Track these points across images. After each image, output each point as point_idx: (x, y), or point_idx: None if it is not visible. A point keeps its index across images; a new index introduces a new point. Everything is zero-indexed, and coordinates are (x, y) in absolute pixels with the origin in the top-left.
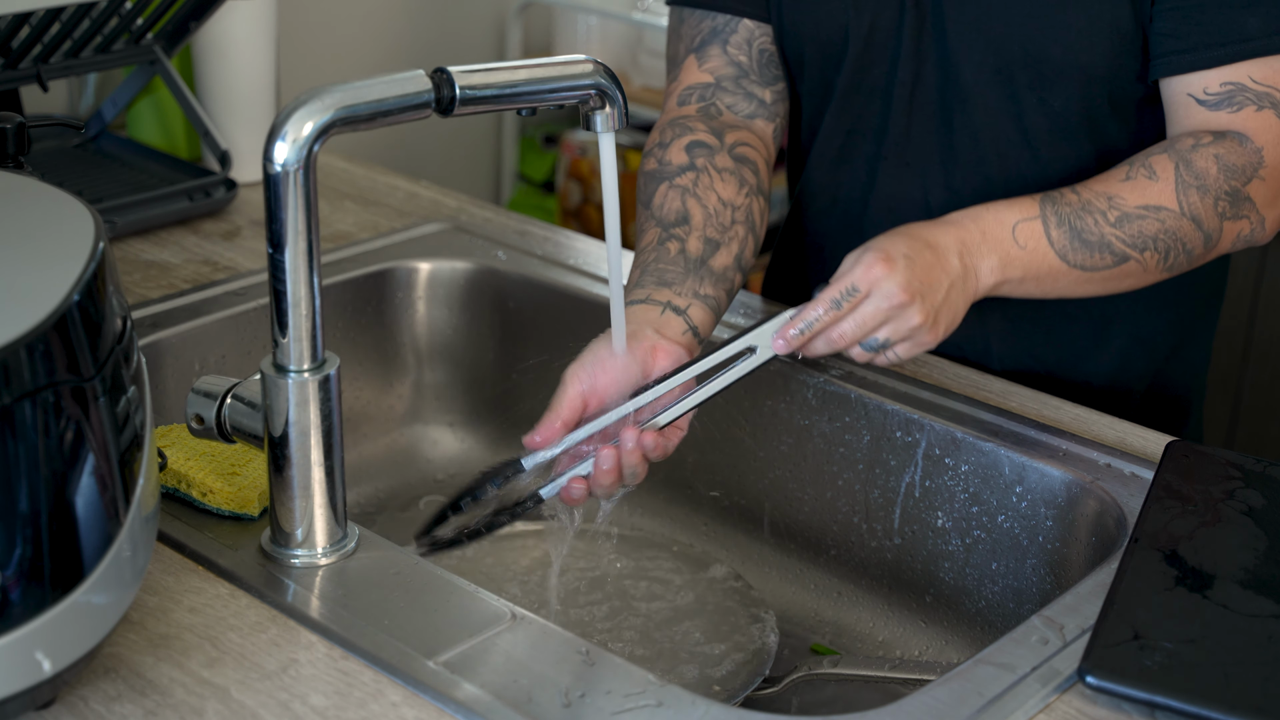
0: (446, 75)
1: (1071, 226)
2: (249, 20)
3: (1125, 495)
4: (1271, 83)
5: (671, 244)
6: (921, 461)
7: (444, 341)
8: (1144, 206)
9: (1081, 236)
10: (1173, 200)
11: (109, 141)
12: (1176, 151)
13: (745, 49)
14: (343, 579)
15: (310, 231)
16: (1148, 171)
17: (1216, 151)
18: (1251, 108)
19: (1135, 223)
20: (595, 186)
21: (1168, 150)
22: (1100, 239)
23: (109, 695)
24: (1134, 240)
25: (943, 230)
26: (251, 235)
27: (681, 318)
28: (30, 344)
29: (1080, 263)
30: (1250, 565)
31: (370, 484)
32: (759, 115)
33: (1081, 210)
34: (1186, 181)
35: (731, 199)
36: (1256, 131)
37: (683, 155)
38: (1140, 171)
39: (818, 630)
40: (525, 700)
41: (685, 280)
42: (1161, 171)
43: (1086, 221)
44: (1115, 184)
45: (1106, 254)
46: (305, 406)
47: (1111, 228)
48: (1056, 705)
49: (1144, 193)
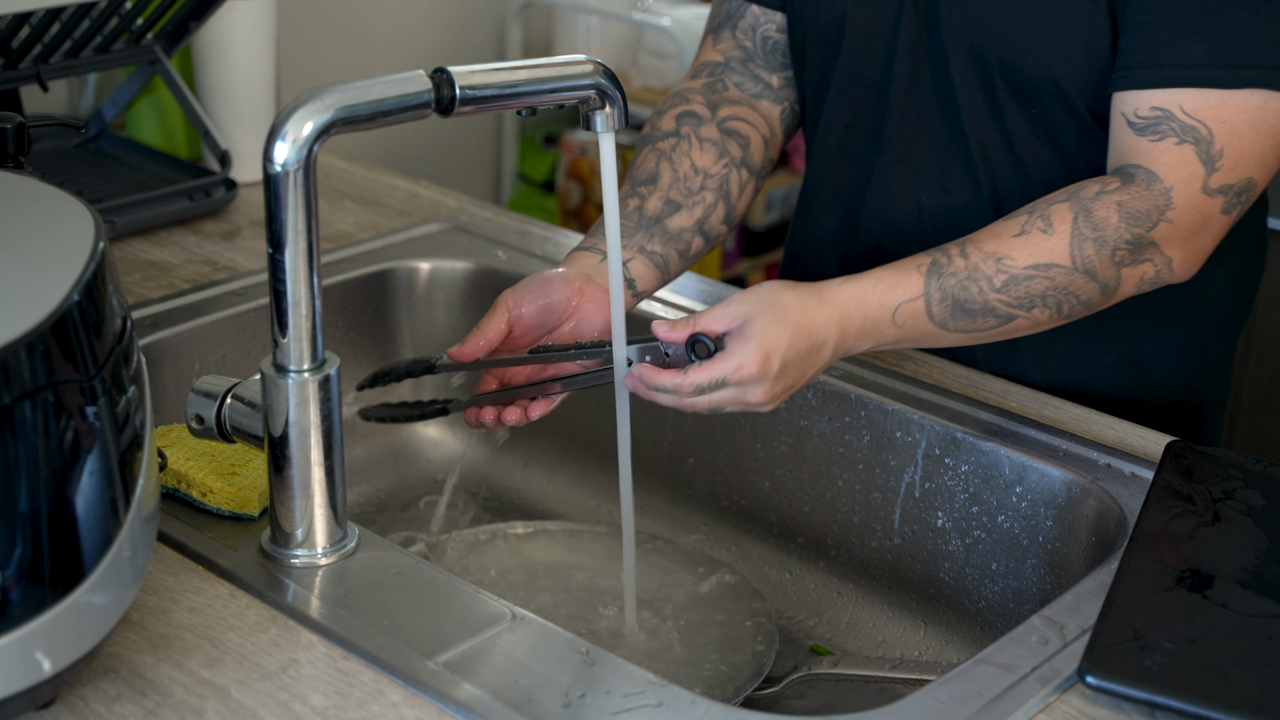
0: (446, 75)
1: (955, 299)
2: (249, 20)
3: (1125, 495)
4: (1200, 117)
5: (632, 200)
6: (921, 461)
7: (444, 341)
8: (1033, 266)
9: (964, 307)
10: (1065, 256)
11: (109, 141)
12: (1079, 201)
13: (750, 34)
14: (343, 579)
15: (310, 231)
16: (1044, 224)
17: (1120, 199)
18: (1173, 139)
19: (1022, 284)
20: (595, 186)
21: (1070, 199)
22: (984, 305)
23: (109, 695)
24: (1020, 301)
25: (828, 320)
26: (251, 235)
27: (623, 268)
28: (30, 344)
29: (961, 328)
30: (1250, 565)
31: (370, 484)
32: (765, 97)
33: (967, 280)
34: (1084, 234)
35: (706, 166)
36: (1169, 169)
37: (671, 123)
38: (1036, 224)
39: (818, 630)
40: (525, 700)
41: (633, 235)
42: (1059, 224)
43: (970, 291)
44: (1007, 241)
45: (990, 318)
46: (305, 406)
47: (996, 293)
48: (1056, 705)
49: (1035, 250)
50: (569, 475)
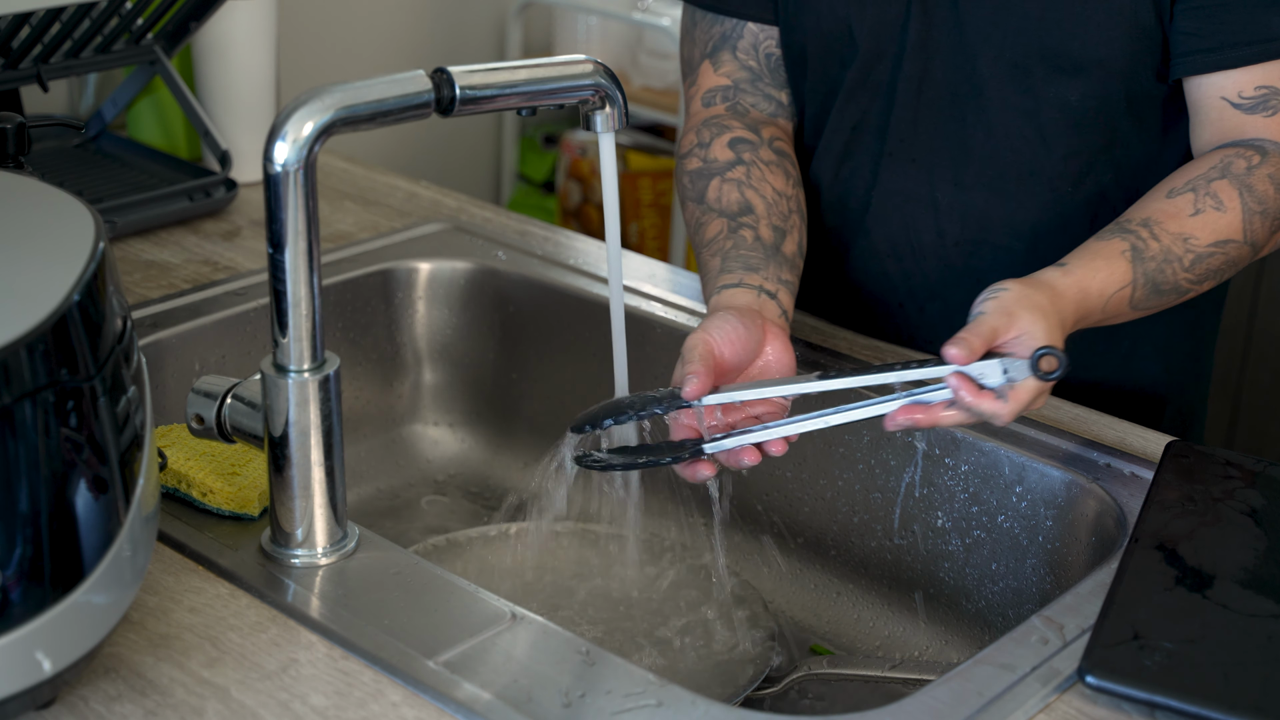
0: (446, 75)
1: (1153, 282)
2: (249, 20)
3: (1125, 495)
4: None
5: (745, 232)
6: (921, 461)
7: (444, 341)
8: (1215, 243)
9: (1159, 289)
10: (1239, 231)
11: (109, 141)
12: (1236, 178)
13: (753, 53)
14: (343, 579)
15: (310, 231)
16: (1215, 202)
17: (1269, 172)
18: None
19: (1205, 262)
20: (595, 186)
21: (1226, 175)
22: (1173, 285)
23: (109, 695)
24: (1200, 277)
25: (1072, 313)
26: (251, 235)
27: (775, 302)
28: (30, 344)
29: (1148, 307)
30: (1250, 565)
31: (370, 484)
32: (780, 114)
33: (1164, 263)
34: (1252, 209)
35: (784, 189)
36: None
37: (728, 151)
38: (1208, 203)
39: (818, 630)
40: (525, 700)
41: (768, 266)
42: (1228, 201)
43: (1166, 273)
44: (1187, 221)
45: (1172, 295)
46: (305, 406)
47: (1185, 273)
48: (1056, 705)
49: (1215, 228)
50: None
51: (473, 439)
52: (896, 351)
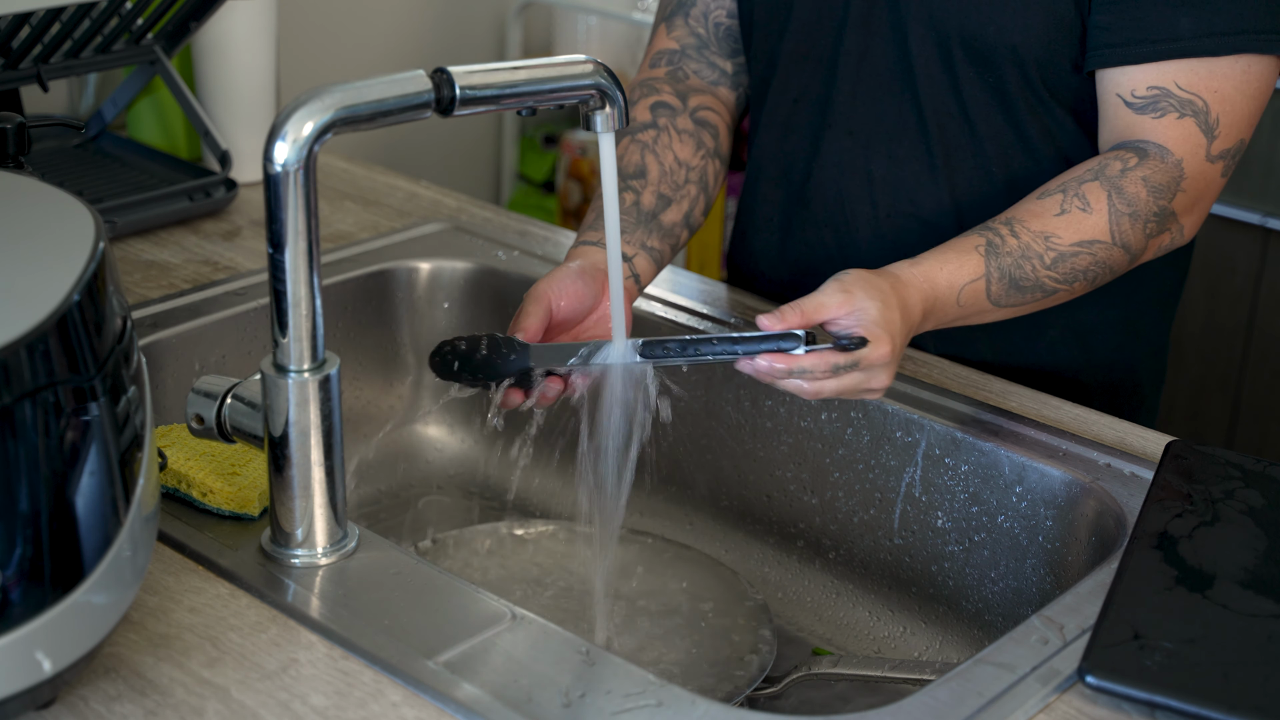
0: (446, 75)
1: (1011, 278)
2: (249, 20)
3: (1125, 495)
4: (1195, 90)
5: (627, 194)
6: (921, 461)
7: None
8: (1079, 243)
9: (1019, 285)
10: (1105, 233)
11: (109, 141)
12: (1108, 180)
13: (702, 21)
14: (343, 579)
15: (310, 231)
16: (1081, 203)
17: (1144, 174)
18: (1174, 115)
19: (1069, 261)
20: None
21: (1098, 178)
22: (1035, 282)
23: (109, 695)
24: (1065, 277)
25: (915, 301)
26: (251, 235)
27: (627, 264)
28: (30, 344)
29: (1011, 303)
30: (1250, 565)
31: (370, 484)
32: (722, 83)
33: (1021, 259)
34: (1120, 210)
35: (687, 159)
36: (1176, 142)
37: (647, 113)
38: (1074, 203)
39: (818, 630)
40: (525, 700)
41: (635, 230)
42: (1095, 203)
43: (1025, 269)
44: (1051, 220)
45: (1037, 293)
46: (305, 406)
47: (1046, 270)
48: (1056, 705)
49: (1079, 228)
50: (569, 475)
51: (473, 439)
52: None
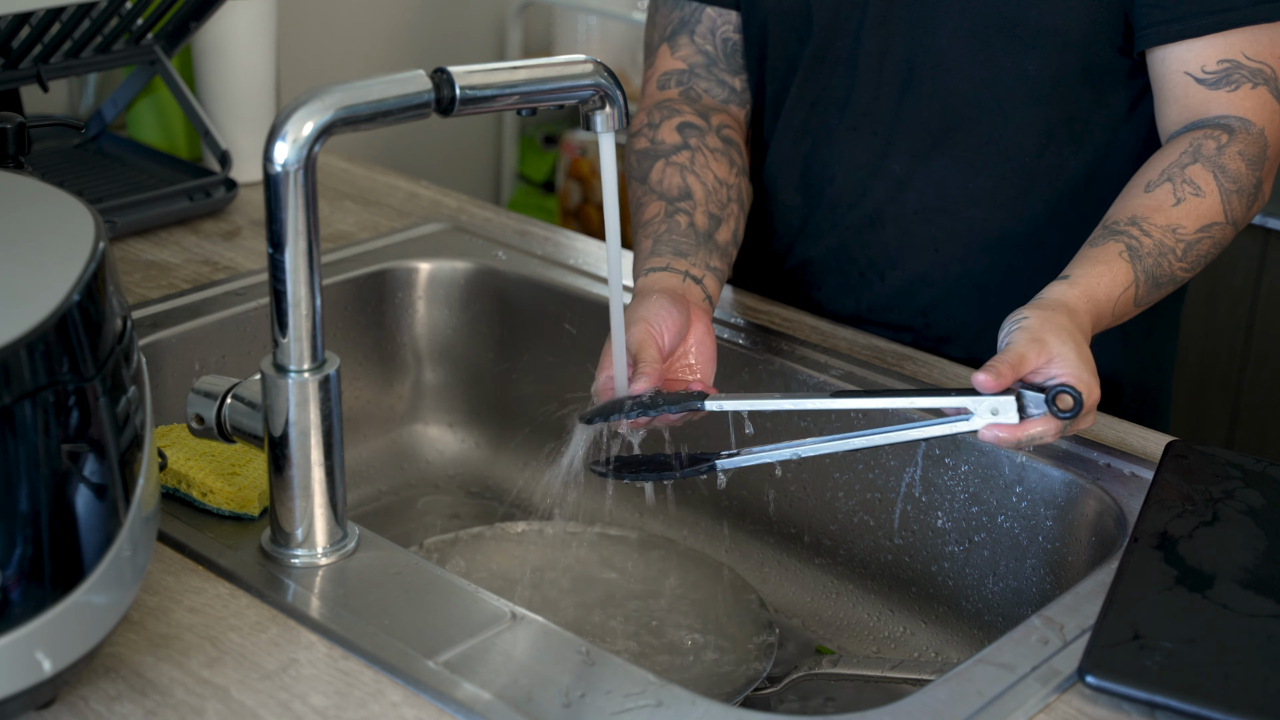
0: (446, 75)
1: (1152, 278)
2: (249, 20)
3: (1125, 495)
4: (1263, 58)
5: (680, 217)
6: (921, 461)
7: (444, 341)
8: (1200, 229)
9: (1158, 283)
10: (1220, 213)
11: (109, 141)
12: (1209, 160)
13: (710, 38)
14: (343, 579)
15: (310, 231)
16: (1193, 189)
17: (1239, 149)
18: (1247, 85)
19: (1195, 249)
20: (595, 186)
21: (1198, 159)
22: (1170, 277)
23: (109, 695)
24: (1193, 265)
25: (1089, 326)
26: (251, 235)
27: (699, 286)
28: (30, 344)
29: (1149, 302)
30: (1250, 565)
31: (370, 484)
32: (732, 101)
33: (1160, 258)
34: (1228, 189)
35: (725, 178)
36: (1255, 112)
37: (675, 135)
38: (1186, 190)
39: (818, 630)
40: (525, 700)
41: (698, 252)
42: (1205, 185)
43: (1163, 267)
44: (1171, 212)
45: (1169, 287)
46: (305, 406)
47: (1179, 263)
48: (1056, 705)
49: (1198, 214)
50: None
51: (473, 439)
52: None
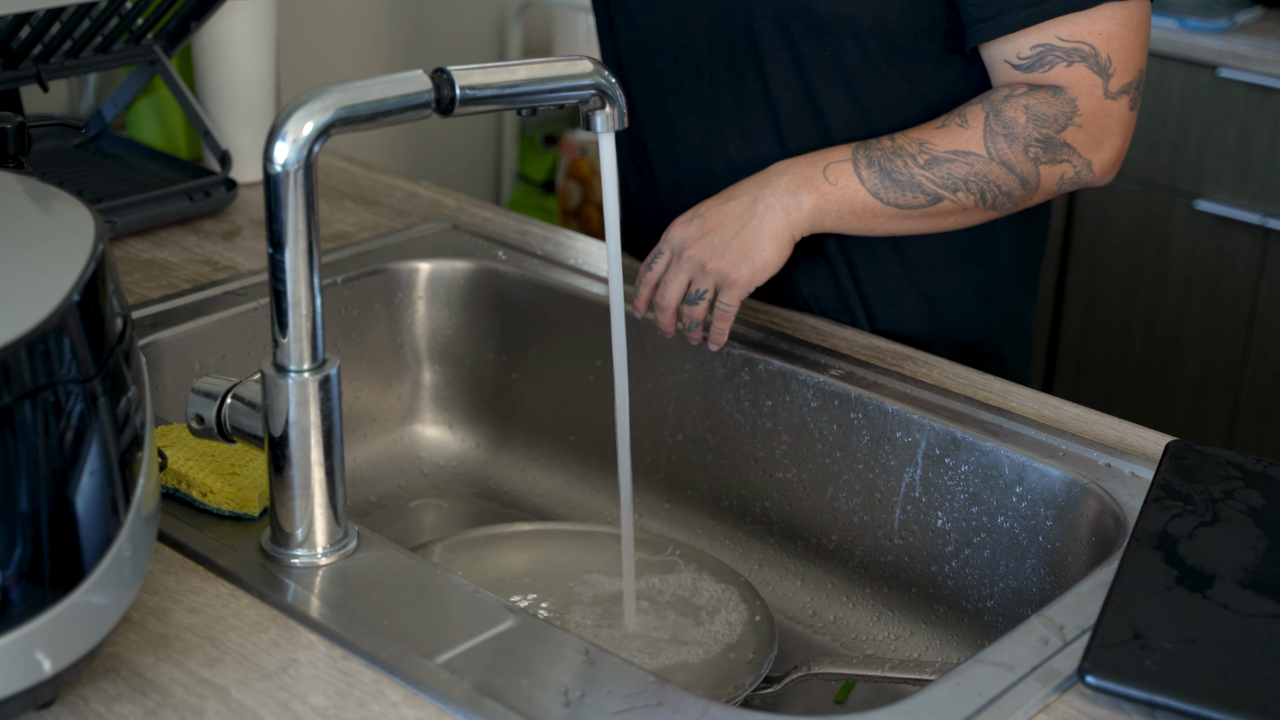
0: (446, 75)
1: (881, 168)
2: (249, 20)
3: (1125, 495)
4: (1078, 38)
5: None
6: (921, 461)
7: (444, 341)
8: (952, 151)
9: (892, 176)
10: (980, 146)
11: (109, 141)
12: (989, 102)
13: None
14: (343, 579)
15: (310, 231)
16: (960, 120)
17: (1026, 102)
18: (1061, 65)
19: (944, 165)
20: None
21: (982, 101)
22: (910, 179)
23: (109, 695)
24: (944, 181)
25: (747, 180)
26: (251, 235)
27: None
28: (30, 344)
29: (893, 200)
30: (1250, 565)
31: (370, 484)
32: None
33: (893, 154)
34: (995, 130)
35: None
36: (1069, 84)
37: None
38: (954, 119)
39: (818, 630)
40: (525, 700)
41: None
42: (973, 120)
43: (896, 163)
44: (928, 131)
45: (918, 193)
46: (305, 406)
47: (921, 170)
48: (1056, 705)
49: (954, 139)
50: (570, 475)
51: (473, 439)
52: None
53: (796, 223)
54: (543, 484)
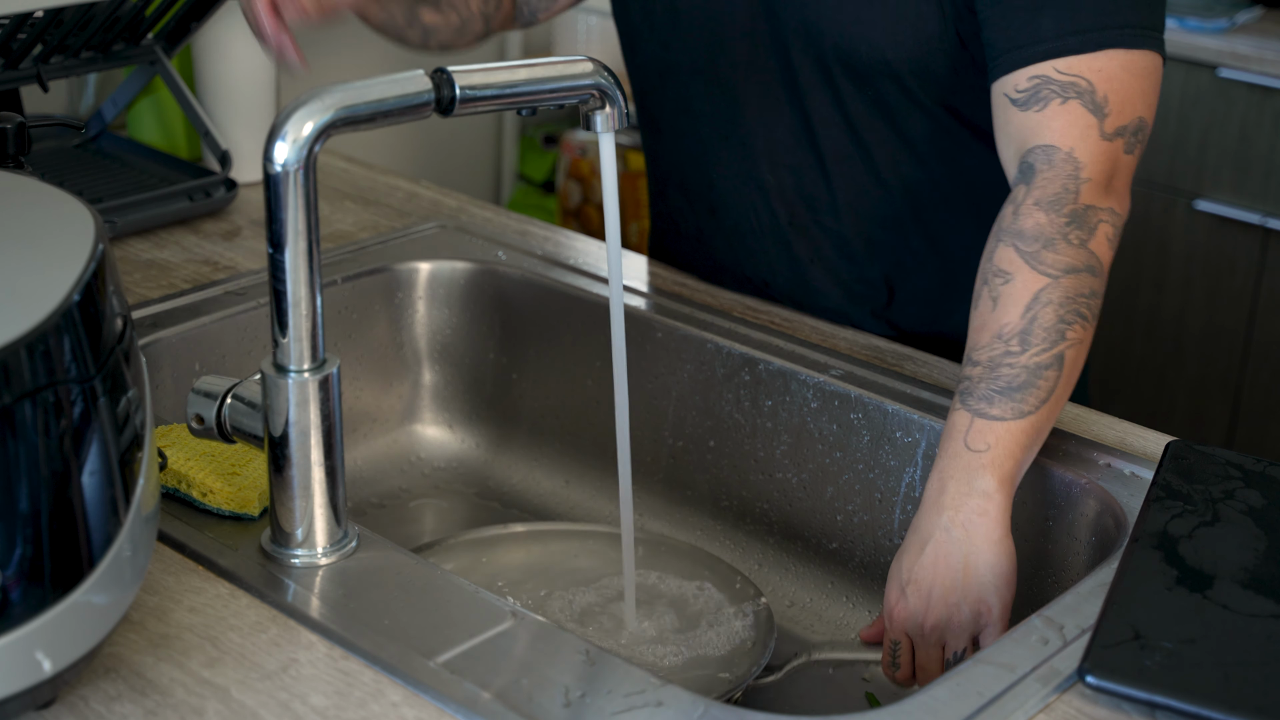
0: (446, 75)
1: (998, 392)
2: None
3: (1125, 495)
4: (1076, 72)
5: None
6: (921, 461)
7: (444, 341)
8: (1026, 309)
9: (1013, 389)
10: (1037, 280)
11: (109, 141)
12: (1005, 233)
13: None
14: (343, 579)
15: (310, 231)
16: (1001, 279)
17: (1033, 200)
18: (1056, 100)
19: (1034, 330)
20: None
21: (999, 240)
22: (1027, 375)
23: (109, 695)
24: (1048, 339)
25: (922, 522)
26: (251, 235)
27: None
28: (30, 344)
29: (1038, 401)
30: (1250, 565)
31: (370, 484)
32: None
33: (990, 372)
34: (1033, 252)
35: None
36: (1063, 132)
37: None
38: (996, 284)
39: (818, 630)
40: (525, 700)
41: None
42: (1009, 265)
43: (1005, 375)
44: (989, 318)
45: (1041, 376)
46: (305, 406)
47: (1024, 355)
48: (1056, 705)
49: (1015, 302)
50: (570, 475)
51: (473, 439)
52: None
53: (998, 507)
54: (543, 484)
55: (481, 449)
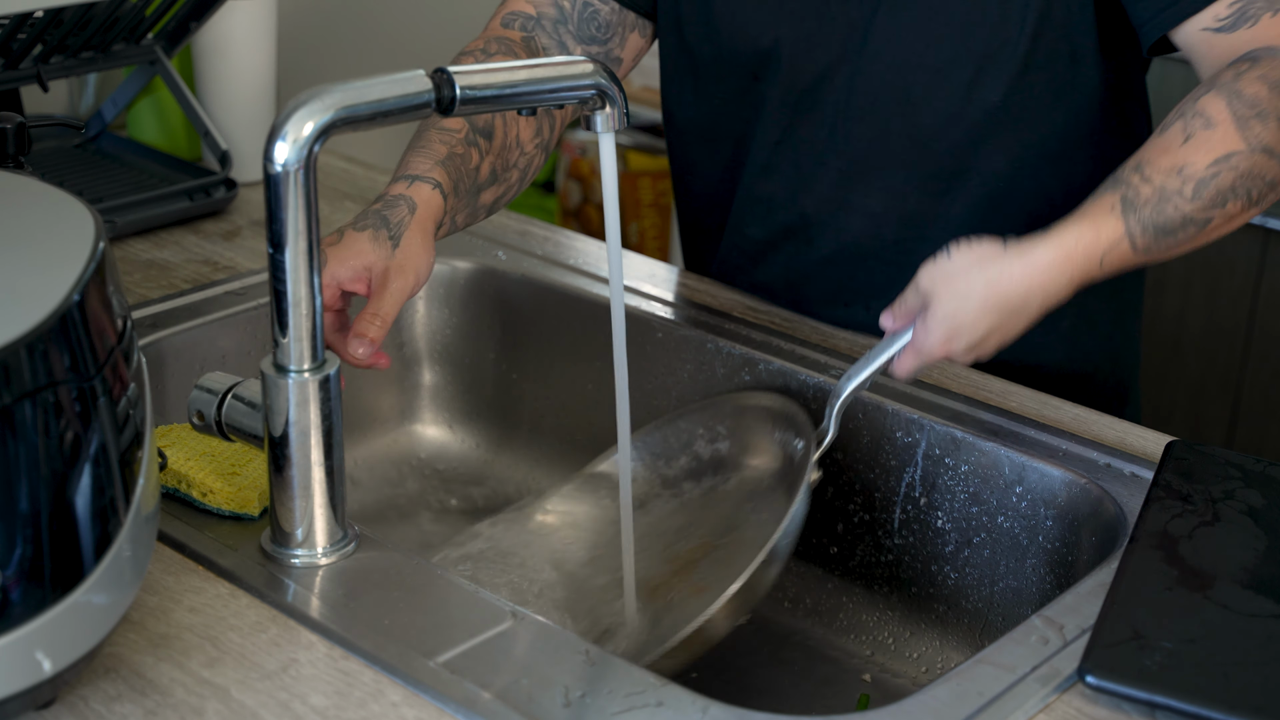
0: (446, 75)
1: (1155, 226)
2: (249, 20)
3: (1125, 495)
4: None
5: (474, 152)
6: (921, 461)
7: (444, 341)
8: (1215, 162)
9: (1165, 229)
10: (1239, 141)
11: (109, 141)
12: (1222, 87)
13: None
14: (343, 579)
15: (310, 231)
16: (1203, 121)
17: (1260, 73)
18: (1266, 15)
19: (1211, 185)
20: (595, 186)
21: (1213, 89)
22: (1183, 220)
23: (109, 695)
24: (1214, 201)
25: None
26: (251, 235)
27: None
28: (30, 344)
29: (1165, 248)
30: (1250, 565)
31: (370, 484)
32: None
33: (1160, 203)
34: (1244, 114)
35: (524, 142)
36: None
37: None
38: (1196, 124)
39: (818, 629)
40: (526, 700)
41: (458, 197)
42: (1216, 114)
43: (1167, 212)
44: (1179, 151)
45: (1189, 228)
46: (305, 406)
47: (1190, 204)
48: (1056, 705)
49: (1209, 147)
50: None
51: (473, 439)
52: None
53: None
54: (543, 484)
55: (481, 449)
